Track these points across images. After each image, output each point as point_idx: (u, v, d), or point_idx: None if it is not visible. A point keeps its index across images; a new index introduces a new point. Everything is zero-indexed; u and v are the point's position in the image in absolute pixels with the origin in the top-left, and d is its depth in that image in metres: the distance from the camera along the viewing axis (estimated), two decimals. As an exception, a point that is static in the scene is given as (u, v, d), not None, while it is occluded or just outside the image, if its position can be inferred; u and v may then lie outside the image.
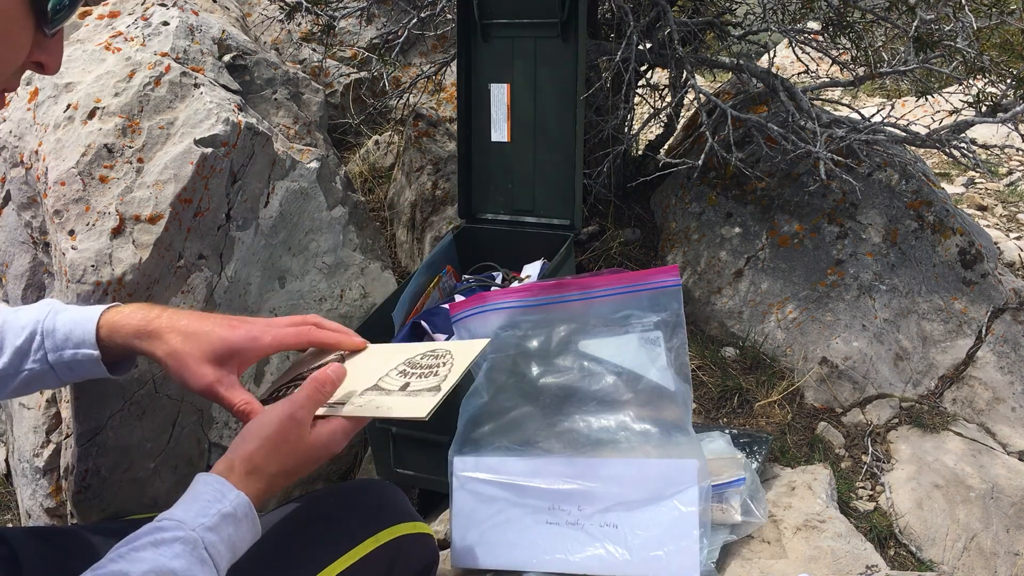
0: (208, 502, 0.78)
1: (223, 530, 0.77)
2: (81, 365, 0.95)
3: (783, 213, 1.98)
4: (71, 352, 0.94)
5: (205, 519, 0.76)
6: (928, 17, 1.67)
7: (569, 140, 1.72)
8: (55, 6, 0.67)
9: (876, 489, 1.58)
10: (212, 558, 0.75)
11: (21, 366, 0.95)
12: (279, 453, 0.83)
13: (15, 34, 0.66)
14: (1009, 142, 1.90)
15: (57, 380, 0.97)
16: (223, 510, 0.78)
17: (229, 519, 0.77)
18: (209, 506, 0.77)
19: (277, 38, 2.53)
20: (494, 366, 1.28)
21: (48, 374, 0.95)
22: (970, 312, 1.83)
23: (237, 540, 0.78)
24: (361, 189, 2.37)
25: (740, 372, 1.81)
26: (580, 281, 1.28)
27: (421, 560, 1.00)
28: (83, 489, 1.28)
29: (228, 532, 0.77)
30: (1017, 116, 1.69)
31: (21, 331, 0.95)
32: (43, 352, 0.94)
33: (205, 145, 1.36)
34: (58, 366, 0.95)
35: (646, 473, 1.21)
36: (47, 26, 0.68)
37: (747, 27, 2.12)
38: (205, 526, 0.76)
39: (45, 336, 0.95)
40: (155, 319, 0.94)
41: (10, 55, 0.67)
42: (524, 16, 1.70)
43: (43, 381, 0.97)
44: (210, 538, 0.75)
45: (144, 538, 0.74)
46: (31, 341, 0.95)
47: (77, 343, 0.94)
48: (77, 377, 0.97)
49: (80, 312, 0.96)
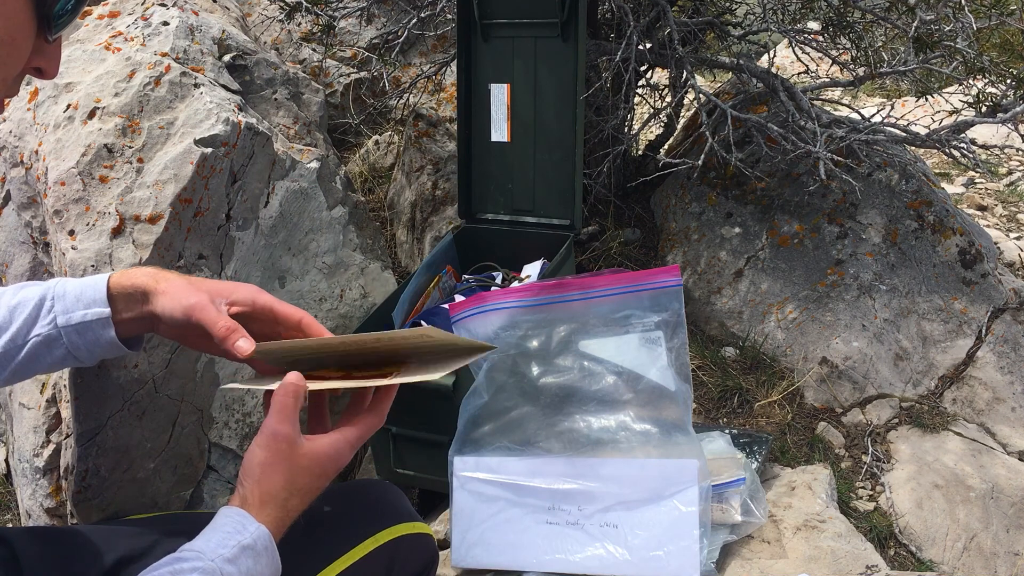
0: (228, 534, 0.77)
1: (242, 562, 0.76)
2: (90, 329, 0.93)
3: (783, 213, 1.98)
4: (81, 312, 0.92)
5: (224, 550, 0.75)
6: (928, 17, 1.67)
7: (569, 140, 1.72)
8: (59, 12, 0.67)
9: (876, 489, 1.58)
10: None
11: (28, 335, 0.93)
12: (280, 472, 0.81)
13: (20, 40, 0.66)
14: (1009, 142, 1.90)
15: (64, 350, 0.94)
16: (243, 542, 0.77)
17: (248, 551, 0.77)
18: (229, 537, 0.77)
19: (277, 38, 2.53)
20: (494, 366, 1.28)
21: (55, 342, 0.93)
22: (970, 312, 1.83)
23: (256, 574, 0.77)
24: (361, 189, 2.37)
25: (740, 372, 1.81)
26: (581, 281, 1.28)
27: (420, 560, 1.00)
28: (83, 489, 1.28)
29: (248, 565, 0.76)
30: (1017, 116, 1.69)
31: (29, 301, 0.94)
32: (52, 316, 0.93)
33: (205, 145, 1.36)
34: (67, 331, 0.93)
35: (646, 473, 1.21)
36: (49, 32, 0.68)
37: (747, 27, 2.12)
38: (224, 557, 0.75)
39: (56, 300, 0.94)
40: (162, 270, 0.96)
41: (14, 60, 0.67)
42: (524, 16, 1.70)
43: (49, 353, 0.94)
44: (228, 569, 0.74)
45: (164, 568, 0.73)
46: (40, 307, 0.94)
47: (88, 303, 0.93)
48: (84, 347, 0.94)
49: (89, 278, 0.96)
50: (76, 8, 0.69)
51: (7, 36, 0.65)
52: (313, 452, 0.83)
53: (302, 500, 0.82)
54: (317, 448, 0.83)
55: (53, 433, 1.39)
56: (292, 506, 0.82)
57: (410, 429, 1.42)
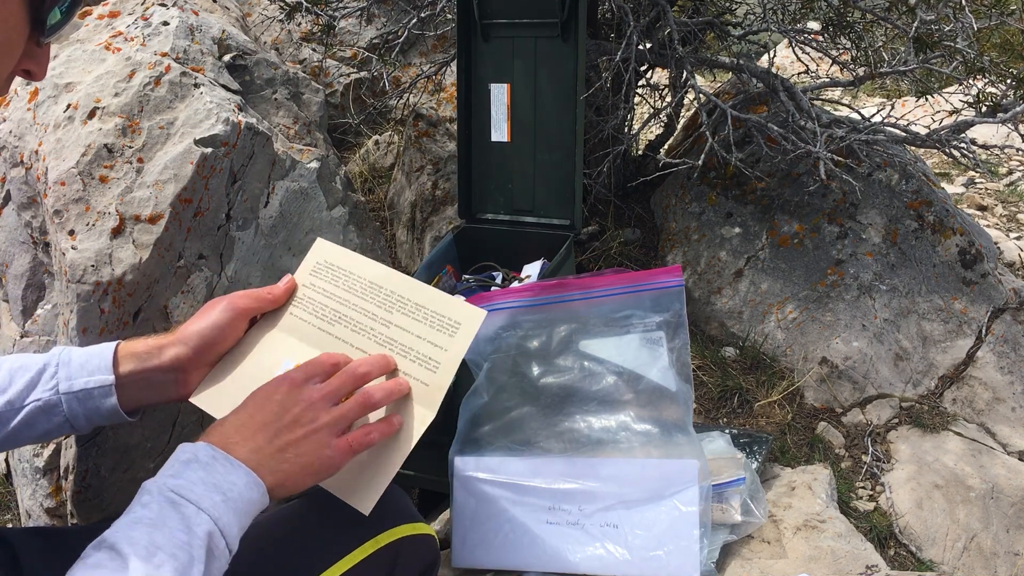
0: (168, 464, 0.78)
1: (189, 475, 0.75)
2: (92, 397, 0.93)
3: (783, 213, 1.98)
4: (84, 380, 0.93)
5: (168, 471, 0.77)
6: (928, 17, 1.67)
7: (569, 140, 1.72)
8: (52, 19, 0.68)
9: (876, 489, 1.58)
10: (184, 496, 0.73)
11: (27, 398, 0.93)
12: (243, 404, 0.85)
13: (13, 42, 0.67)
14: (1009, 142, 1.90)
15: (62, 418, 0.94)
16: (180, 458, 0.77)
17: (192, 464, 0.76)
18: (169, 465, 0.78)
19: (277, 38, 2.53)
20: (495, 366, 1.28)
21: (54, 409, 0.93)
22: (970, 312, 1.83)
23: (219, 481, 0.76)
24: (361, 189, 2.37)
25: (740, 372, 1.81)
26: (582, 281, 1.28)
27: (423, 561, 1.00)
28: (83, 489, 1.28)
29: (198, 475, 0.75)
30: (1017, 116, 1.69)
31: (32, 366, 0.94)
32: (55, 382, 0.93)
33: (205, 145, 1.36)
34: (67, 397, 0.93)
35: (646, 473, 1.21)
36: (41, 36, 0.69)
37: (747, 27, 2.12)
38: (167, 475, 0.76)
39: (60, 366, 0.94)
40: (164, 335, 0.97)
41: (7, 62, 0.68)
42: (524, 16, 1.70)
43: (47, 420, 0.94)
44: (172, 483, 0.74)
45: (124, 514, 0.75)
46: (43, 372, 0.94)
47: (91, 371, 0.94)
48: (83, 415, 0.95)
49: (96, 346, 0.97)
50: (68, 16, 0.70)
51: (3, 37, 0.66)
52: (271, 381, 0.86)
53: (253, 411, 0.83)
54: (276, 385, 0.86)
55: (53, 433, 1.39)
56: (244, 414, 0.83)
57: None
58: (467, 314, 0.95)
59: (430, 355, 0.93)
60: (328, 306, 1.01)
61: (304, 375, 0.86)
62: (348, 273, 1.02)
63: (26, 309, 1.45)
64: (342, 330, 0.98)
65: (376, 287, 1.00)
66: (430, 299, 0.97)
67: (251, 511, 0.78)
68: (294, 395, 0.84)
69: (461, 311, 0.96)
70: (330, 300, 1.01)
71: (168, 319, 1.34)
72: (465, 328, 0.94)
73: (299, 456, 0.82)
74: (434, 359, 0.93)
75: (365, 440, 0.86)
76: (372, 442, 0.87)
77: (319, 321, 1.00)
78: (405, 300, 0.98)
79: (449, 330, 0.95)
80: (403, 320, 0.97)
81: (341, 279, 1.02)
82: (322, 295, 1.02)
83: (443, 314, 0.96)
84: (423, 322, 0.96)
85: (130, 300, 1.28)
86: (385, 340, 0.96)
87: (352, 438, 0.85)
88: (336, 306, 1.00)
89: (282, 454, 0.81)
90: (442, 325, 0.95)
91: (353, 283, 1.01)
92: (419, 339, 0.95)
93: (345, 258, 1.04)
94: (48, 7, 0.67)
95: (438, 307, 0.96)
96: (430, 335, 0.95)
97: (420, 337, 0.95)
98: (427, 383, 0.92)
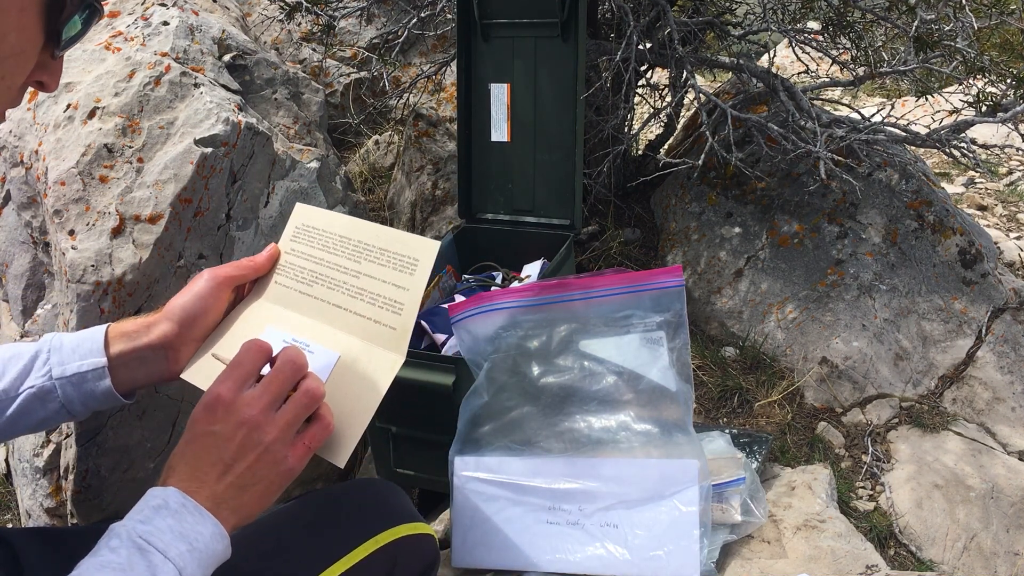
0: (138, 508, 0.76)
1: (157, 522, 0.74)
2: (86, 380, 0.93)
3: (783, 213, 1.98)
4: (77, 364, 0.93)
5: (138, 515, 0.75)
6: (928, 17, 1.67)
7: (569, 140, 1.72)
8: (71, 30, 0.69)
9: (876, 489, 1.58)
10: (153, 545, 0.72)
11: (21, 386, 0.93)
12: (183, 438, 0.81)
13: (28, 53, 0.68)
14: (1009, 142, 1.90)
15: (57, 404, 0.94)
16: (151, 503, 0.76)
17: (162, 511, 0.75)
18: (139, 509, 0.76)
19: (277, 38, 2.53)
20: (494, 366, 1.28)
21: (49, 395, 0.93)
22: (970, 312, 1.83)
23: (187, 531, 0.75)
24: (361, 189, 2.37)
25: (740, 372, 1.81)
26: (582, 281, 1.28)
27: (422, 561, 0.99)
28: (83, 489, 1.28)
29: (167, 523, 0.74)
30: (1017, 116, 1.69)
31: (25, 353, 0.94)
32: (48, 368, 0.93)
33: (205, 145, 1.36)
34: (61, 382, 0.93)
35: (646, 473, 1.21)
36: (56, 48, 0.70)
37: (747, 27, 2.12)
38: (136, 520, 0.75)
39: (52, 352, 0.94)
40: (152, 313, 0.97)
41: (22, 72, 0.69)
42: (524, 16, 1.70)
43: (42, 407, 0.94)
44: (141, 528, 0.73)
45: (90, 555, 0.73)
46: (34, 360, 0.94)
47: (84, 354, 0.94)
48: (79, 399, 0.95)
49: (86, 330, 0.96)
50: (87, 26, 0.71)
51: (19, 48, 0.66)
52: (204, 401, 0.81)
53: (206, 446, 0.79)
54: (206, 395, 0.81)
55: (53, 433, 1.39)
56: (191, 454, 0.79)
57: (410, 429, 1.42)
58: (421, 247, 0.96)
59: (395, 297, 0.95)
60: (306, 268, 1.02)
61: (235, 383, 0.80)
62: (323, 232, 1.03)
63: (26, 309, 1.45)
64: (320, 290, 1.00)
65: (345, 239, 1.01)
66: (390, 240, 0.99)
67: (214, 564, 0.77)
68: (232, 419, 0.79)
69: (415, 245, 0.97)
70: (307, 262, 1.02)
71: (168, 319, 1.34)
72: (423, 263, 0.96)
73: (257, 482, 0.79)
74: (398, 301, 0.94)
75: (323, 434, 0.83)
76: (331, 429, 0.84)
77: (300, 285, 1.01)
78: (371, 247, 0.99)
79: (409, 268, 0.96)
80: (370, 268, 0.98)
81: (317, 239, 1.04)
82: (302, 259, 1.03)
83: (402, 253, 0.97)
84: (387, 265, 0.97)
85: (130, 300, 1.28)
86: (357, 291, 0.97)
87: (308, 439, 0.82)
88: (313, 267, 1.02)
89: (239, 489, 0.79)
90: (402, 265, 0.96)
91: (327, 240, 1.03)
92: (384, 283, 0.96)
93: (322, 218, 1.05)
94: (65, 18, 0.68)
95: (397, 247, 0.98)
96: (393, 277, 0.96)
97: (385, 282, 0.96)
98: (394, 327, 0.93)
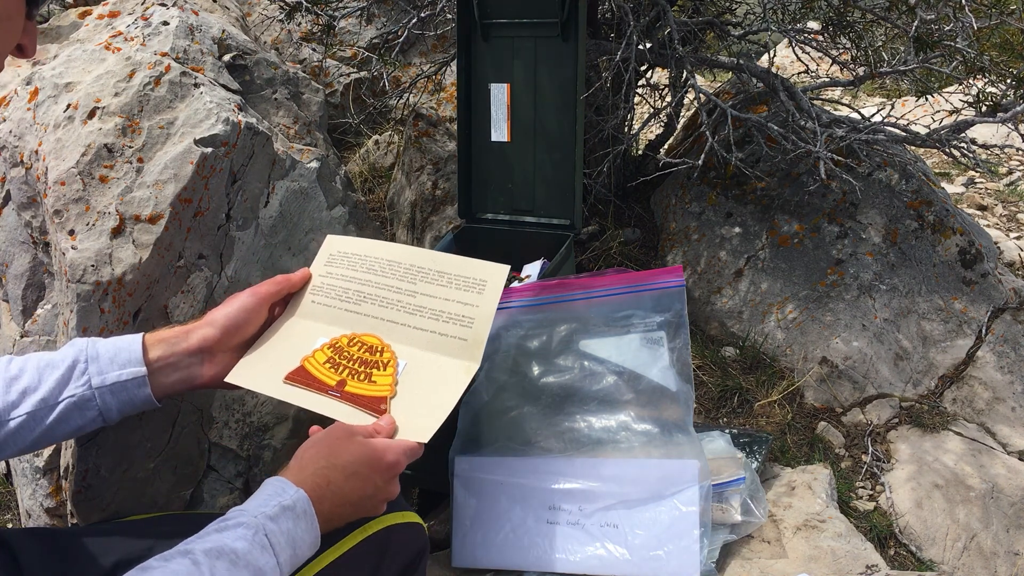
0: (269, 495, 0.82)
1: (283, 522, 0.79)
2: (125, 389, 0.95)
3: (783, 213, 1.98)
4: (116, 373, 0.95)
5: (266, 508, 0.80)
6: (928, 17, 1.67)
7: (569, 140, 1.72)
8: None
9: (876, 489, 1.58)
10: (272, 546, 0.77)
11: (60, 395, 0.94)
12: (324, 446, 0.88)
13: (15, 17, 0.71)
14: (1009, 142, 1.90)
15: (95, 412, 0.96)
16: (283, 502, 0.81)
17: (289, 512, 0.80)
18: (270, 499, 0.81)
19: (277, 38, 2.53)
20: (495, 366, 1.28)
21: (88, 403, 0.95)
22: (970, 312, 1.83)
23: (297, 537, 0.80)
24: (361, 189, 2.37)
25: (740, 372, 1.81)
26: (582, 281, 1.28)
27: (411, 550, 0.99)
28: (83, 489, 1.28)
29: (288, 526, 0.79)
30: (1017, 116, 1.69)
31: (60, 363, 0.95)
32: (87, 377, 0.94)
33: (205, 145, 1.36)
34: (101, 392, 0.95)
35: (647, 473, 1.21)
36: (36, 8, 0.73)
37: (747, 27, 2.12)
38: (266, 515, 0.79)
39: (90, 362, 0.95)
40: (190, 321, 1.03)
41: (11, 36, 0.72)
42: (524, 16, 1.70)
43: (80, 415, 0.96)
44: (270, 527, 0.78)
45: (210, 527, 0.78)
46: (73, 368, 0.95)
47: (123, 363, 0.95)
48: (116, 407, 0.96)
49: (120, 338, 0.99)
50: None
51: (6, 13, 0.69)
52: (363, 440, 0.89)
53: (345, 479, 0.86)
54: (370, 444, 0.89)
55: (53, 433, 1.39)
56: (333, 479, 0.85)
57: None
58: (490, 271, 1.03)
59: (463, 313, 1.00)
60: (350, 288, 1.06)
61: (397, 457, 0.91)
62: (364, 257, 1.08)
63: (26, 309, 1.45)
64: (370, 307, 1.04)
65: (395, 263, 1.06)
66: (450, 265, 1.04)
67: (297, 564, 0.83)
68: (389, 477, 0.90)
69: (483, 269, 1.03)
70: (351, 283, 1.06)
71: (168, 319, 1.34)
72: (492, 284, 1.02)
73: (361, 512, 0.91)
74: (467, 316, 1.00)
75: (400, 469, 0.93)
76: None
77: (344, 303, 1.05)
78: (426, 270, 1.04)
79: (476, 288, 1.01)
80: (428, 288, 1.03)
81: (359, 263, 1.08)
82: (342, 280, 1.07)
83: (467, 275, 1.03)
84: (448, 286, 1.02)
85: (130, 300, 1.28)
86: (415, 308, 1.02)
87: None
88: (359, 287, 1.06)
89: (352, 516, 0.90)
90: (468, 285, 1.02)
91: (372, 264, 1.07)
92: (447, 301, 1.01)
93: (358, 245, 1.10)
94: None
95: (460, 270, 1.04)
96: (458, 296, 1.01)
97: (448, 299, 1.01)
98: (465, 338, 0.98)
